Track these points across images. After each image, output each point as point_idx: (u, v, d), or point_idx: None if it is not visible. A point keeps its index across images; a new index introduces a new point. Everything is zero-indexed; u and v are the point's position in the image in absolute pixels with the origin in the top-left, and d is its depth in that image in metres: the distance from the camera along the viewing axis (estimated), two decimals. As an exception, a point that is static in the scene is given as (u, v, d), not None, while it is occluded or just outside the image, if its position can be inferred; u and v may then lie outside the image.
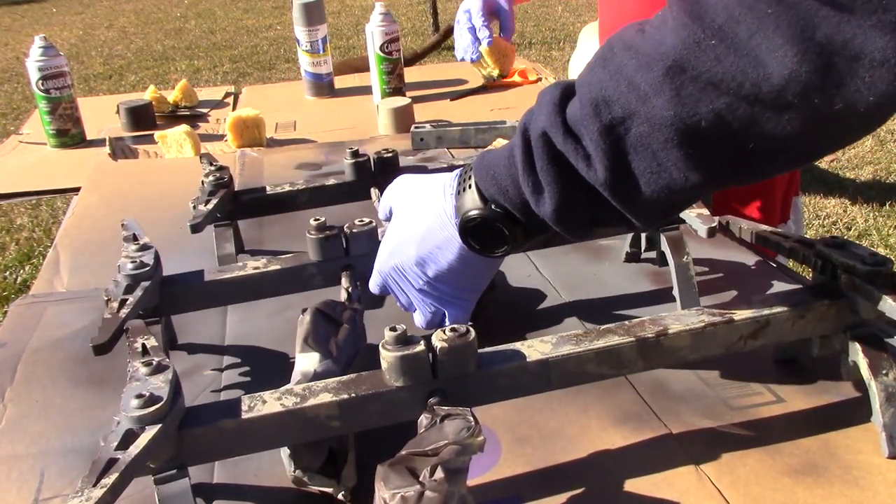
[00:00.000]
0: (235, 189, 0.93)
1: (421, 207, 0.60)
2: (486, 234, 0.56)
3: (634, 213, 0.49)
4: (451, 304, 0.63)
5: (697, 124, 0.43)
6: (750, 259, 0.90)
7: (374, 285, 0.67)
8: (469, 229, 0.56)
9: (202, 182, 0.90)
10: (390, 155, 0.94)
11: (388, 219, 0.66)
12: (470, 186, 0.56)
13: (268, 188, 0.93)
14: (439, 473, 0.45)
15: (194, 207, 0.85)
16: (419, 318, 0.65)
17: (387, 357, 0.53)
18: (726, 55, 0.41)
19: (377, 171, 0.93)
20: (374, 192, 0.92)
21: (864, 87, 0.38)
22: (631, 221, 0.50)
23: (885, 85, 0.38)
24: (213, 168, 0.93)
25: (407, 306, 0.66)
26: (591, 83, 0.47)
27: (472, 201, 0.56)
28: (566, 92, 0.50)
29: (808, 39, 0.38)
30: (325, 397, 0.53)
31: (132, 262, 0.69)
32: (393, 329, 0.53)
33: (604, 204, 0.49)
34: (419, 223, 0.60)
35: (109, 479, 0.45)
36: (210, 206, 0.85)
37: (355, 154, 0.93)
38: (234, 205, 0.91)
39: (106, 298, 0.66)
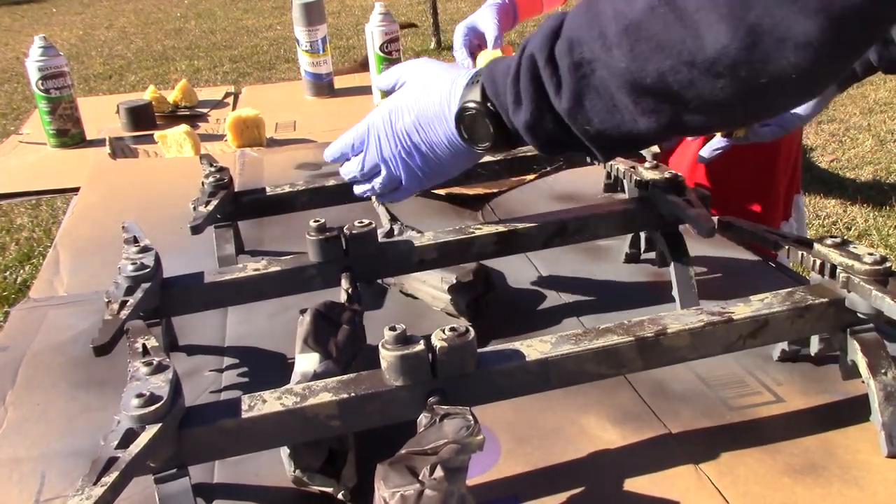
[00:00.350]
0: (235, 190, 0.93)
1: (433, 85, 0.67)
2: (475, 126, 0.62)
3: (590, 141, 0.55)
4: (413, 175, 0.70)
5: (644, 80, 0.48)
6: (749, 259, 0.90)
7: (348, 138, 0.72)
8: (463, 117, 0.63)
9: (202, 183, 0.90)
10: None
11: (393, 89, 0.72)
12: (477, 82, 0.62)
13: (268, 189, 0.93)
14: (439, 472, 0.45)
15: (194, 209, 0.85)
16: (379, 180, 0.71)
17: (386, 356, 0.53)
18: (673, 23, 0.45)
19: (377, 172, 0.93)
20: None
21: (788, 66, 0.42)
22: (590, 150, 0.56)
23: (807, 65, 0.42)
24: (213, 169, 0.93)
25: (368, 167, 0.71)
26: (574, 23, 0.53)
27: (474, 94, 0.62)
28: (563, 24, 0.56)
29: (740, 19, 0.42)
30: (325, 397, 0.53)
31: (133, 263, 0.69)
32: (392, 329, 0.53)
33: (567, 129, 0.55)
34: (426, 96, 0.67)
35: (110, 478, 0.45)
36: (210, 207, 0.85)
37: (355, 154, 0.93)
38: (235, 206, 0.91)
39: (106, 300, 0.66)
